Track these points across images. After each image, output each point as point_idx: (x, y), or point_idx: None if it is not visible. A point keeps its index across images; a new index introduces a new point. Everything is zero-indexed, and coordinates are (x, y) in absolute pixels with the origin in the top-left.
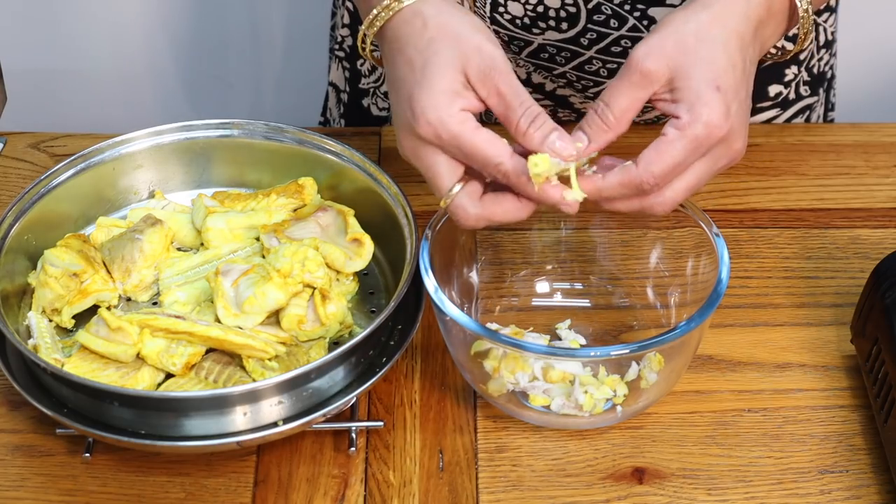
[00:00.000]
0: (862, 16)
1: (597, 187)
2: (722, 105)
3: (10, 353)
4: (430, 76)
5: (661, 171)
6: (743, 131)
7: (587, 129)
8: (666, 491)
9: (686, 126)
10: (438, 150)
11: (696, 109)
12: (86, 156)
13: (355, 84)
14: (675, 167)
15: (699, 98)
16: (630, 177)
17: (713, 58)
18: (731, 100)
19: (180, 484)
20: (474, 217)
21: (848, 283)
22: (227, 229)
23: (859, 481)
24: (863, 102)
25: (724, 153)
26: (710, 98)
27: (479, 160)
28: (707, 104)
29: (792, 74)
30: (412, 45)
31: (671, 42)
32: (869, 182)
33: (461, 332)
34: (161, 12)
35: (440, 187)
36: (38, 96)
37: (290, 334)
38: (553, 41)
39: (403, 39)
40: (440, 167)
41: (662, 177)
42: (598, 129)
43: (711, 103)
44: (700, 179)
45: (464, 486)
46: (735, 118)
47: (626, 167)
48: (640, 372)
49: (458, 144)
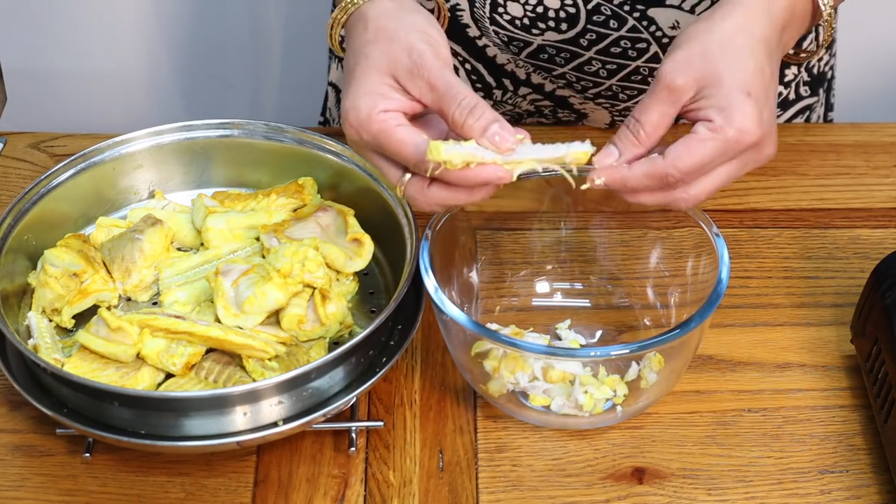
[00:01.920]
0: (862, 16)
1: (622, 176)
2: (755, 111)
3: (10, 353)
4: (357, 79)
5: (688, 168)
6: (774, 136)
7: (619, 143)
8: (666, 491)
9: (719, 129)
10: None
11: (728, 114)
12: (86, 156)
13: None
14: (703, 166)
15: (730, 104)
16: (656, 169)
17: (741, 65)
18: (763, 106)
19: (180, 484)
20: (426, 203)
21: (848, 283)
22: (227, 229)
23: (859, 481)
24: (863, 102)
25: (754, 157)
26: (741, 103)
27: (402, 158)
28: (739, 109)
29: (792, 75)
30: (351, 49)
31: (697, 54)
32: (869, 182)
33: (461, 332)
34: (161, 12)
35: (391, 180)
36: (38, 96)
37: (290, 334)
38: (552, 42)
39: (349, 40)
40: (383, 166)
41: (688, 173)
42: (629, 143)
43: (744, 109)
44: (728, 180)
45: (464, 486)
46: (767, 124)
47: (653, 159)
48: (640, 372)
49: (379, 144)
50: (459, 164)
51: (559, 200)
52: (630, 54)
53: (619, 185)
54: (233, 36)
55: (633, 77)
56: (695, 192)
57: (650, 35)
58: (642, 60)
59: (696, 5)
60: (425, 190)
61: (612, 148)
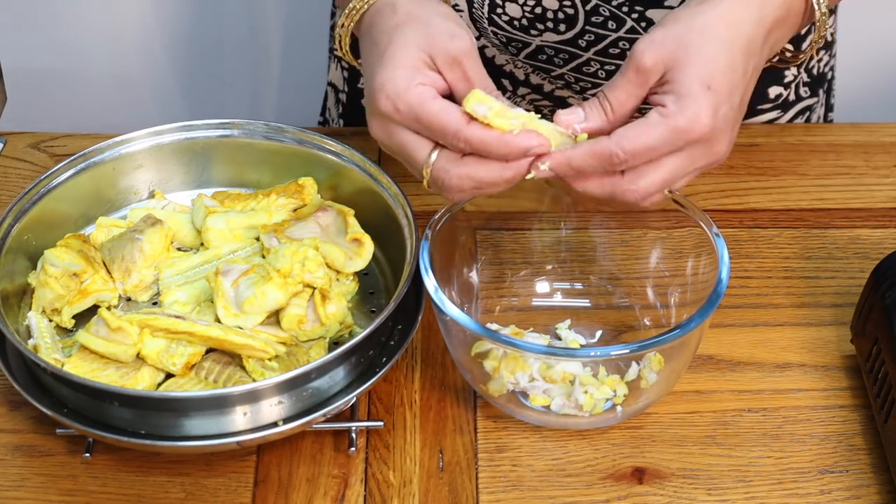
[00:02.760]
0: (862, 16)
1: (566, 157)
2: (710, 105)
3: (10, 353)
4: (392, 53)
5: (633, 149)
6: (728, 135)
7: (586, 108)
8: (666, 491)
9: (669, 115)
10: (405, 127)
11: (682, 102)
12: (86, 156)
13: (354, 84)
14: (648, 150)
15: (688, 92)
16: (600, 147)
17: (713, 57)
18: (722, 102)
19: (180, 484)
20: (457, 177)
21: (848, 283)
22: (227, 229)
23: (859, 481)
24: (863, 102)
25: (703, 153)
26: (698, 94)
27: (438, 130)
28: (695, 100)
29: (791, 76)
30: (380, 29)
31: (672, 37)
32: (869, 182)
33: (461, 332)
34: (161, 12)
35: (417, 160)
36: (38, 96)
37: (290, 334)
38: (551, 43)
39: (375, 26)
40: (412, 143)
41: (633, 154)
42: (596, 111)
43: (699, 100)
44: (675, 174)
45: (464, 486)
46: (722, 121)
47: (598, 139)
48: (640, 372)
49: (416, 115)
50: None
51: (559, 200)
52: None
53: (564, 168)
54: (233, 36)
55: None
56: (644, 185)
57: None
58: None
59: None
60: (457, 162)
61: (579, 109)
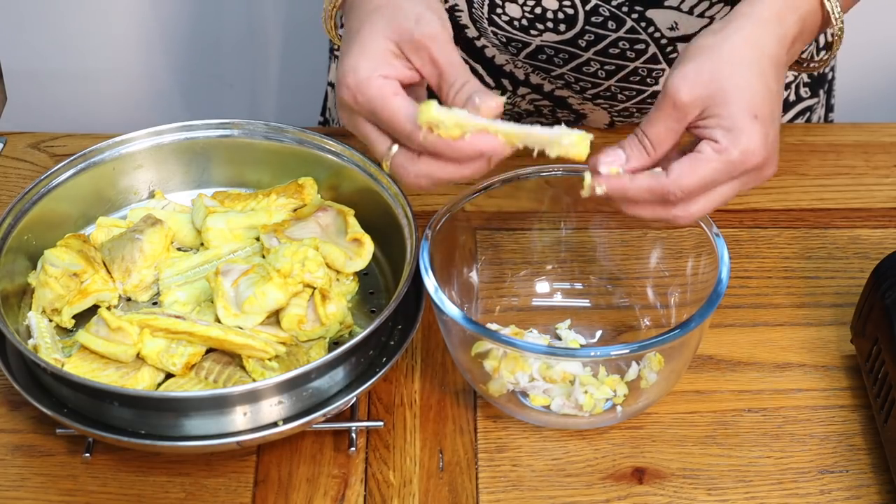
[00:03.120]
0: (862, 16)
1: (623, 187)
2: (760, 134)
3: (10, 353)
4: (361, 41)
5: (691, 187)
6: (776, 156)
7: (627, 148)
8: (666, 491)
9: (724, 151)
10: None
11: (734, 136)
12: (86, 156)
13: None
14: (705, 186)
15: (736, 125)
16: (660, 185)
17: (748, 84)
18: (769, 128)
19: (180, 484)
20: (413, 175)
21: (848, 283)
22: (227, 229)
23: (859, 481)
24: (863, 102)
25: (755, 177)
26: (748, 126)
27: (395, 127)
28: (746, 132)
29: (792, 76)
30: (356, 14)
31: (706, 70)
32: (869, 182)
33: (461, 332)
34: (160, 12)
35: (378, 152)
36: (38, 96)
37: (290, 334)
38: (551, 43)
39: (354, 9)
40: (372, 135)
41: (691, 192)
42: (637, 151)
43: (750, 132)
44: (726, 199)
45: (464, 486)
46: (772, 146)
47: (656, 175)
48: (640, 372)
49: (373, 109)
50: (451, 127)
51: (559, 200)
52: (628, 55)
53: (619, 196)
54: (232, 36)
55: (631, 78)
56: (695, 210)
57: (648, 36)
58: (641, 61)
59: (695, 6)
60: (414, 160)
61: (620, 151)
